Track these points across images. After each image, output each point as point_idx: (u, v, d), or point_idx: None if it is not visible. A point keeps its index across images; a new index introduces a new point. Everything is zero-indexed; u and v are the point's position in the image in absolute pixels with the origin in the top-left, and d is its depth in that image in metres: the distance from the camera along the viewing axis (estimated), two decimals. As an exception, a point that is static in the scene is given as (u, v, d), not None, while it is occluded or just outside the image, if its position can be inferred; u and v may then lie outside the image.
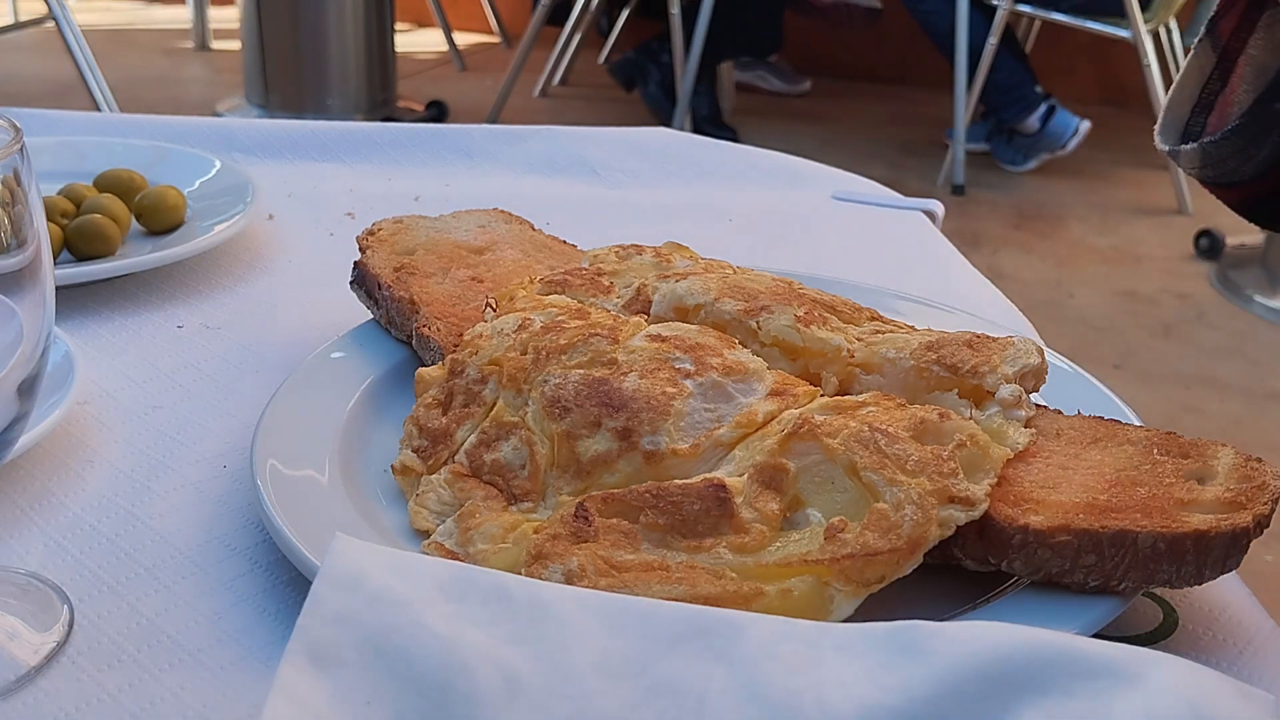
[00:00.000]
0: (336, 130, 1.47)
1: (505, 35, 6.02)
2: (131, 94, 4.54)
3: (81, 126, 1.45)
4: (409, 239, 1.00)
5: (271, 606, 0.69)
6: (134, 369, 0.94)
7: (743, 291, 0.82)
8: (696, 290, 0.83)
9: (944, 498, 0.65)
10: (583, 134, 1.51)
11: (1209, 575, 0.64)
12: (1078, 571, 0.64)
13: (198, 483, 0.80)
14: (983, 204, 4.29)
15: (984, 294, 1.15)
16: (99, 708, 0.61)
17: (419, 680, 0.52)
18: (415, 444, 0.78)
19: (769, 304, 0.81)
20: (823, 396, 0.75)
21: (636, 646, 0.54)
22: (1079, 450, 0.72)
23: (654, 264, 0.90)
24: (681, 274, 0.87)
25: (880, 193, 1.41)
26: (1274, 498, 0.65)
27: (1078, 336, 3.34)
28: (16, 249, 0.58)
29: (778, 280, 0.86)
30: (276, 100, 4.48)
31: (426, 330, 0.87)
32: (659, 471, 0.70)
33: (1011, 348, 0.78)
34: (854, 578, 0.63)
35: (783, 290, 0.83)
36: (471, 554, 0.68)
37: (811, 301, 0.83)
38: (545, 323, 0.81)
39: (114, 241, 1.10)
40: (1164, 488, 0.67)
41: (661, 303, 0.84)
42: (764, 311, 0.80)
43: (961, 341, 0.77)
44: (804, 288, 0.86)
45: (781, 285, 0.84)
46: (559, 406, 0.73)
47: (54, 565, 0.71)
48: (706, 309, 0.81)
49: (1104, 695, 0.52)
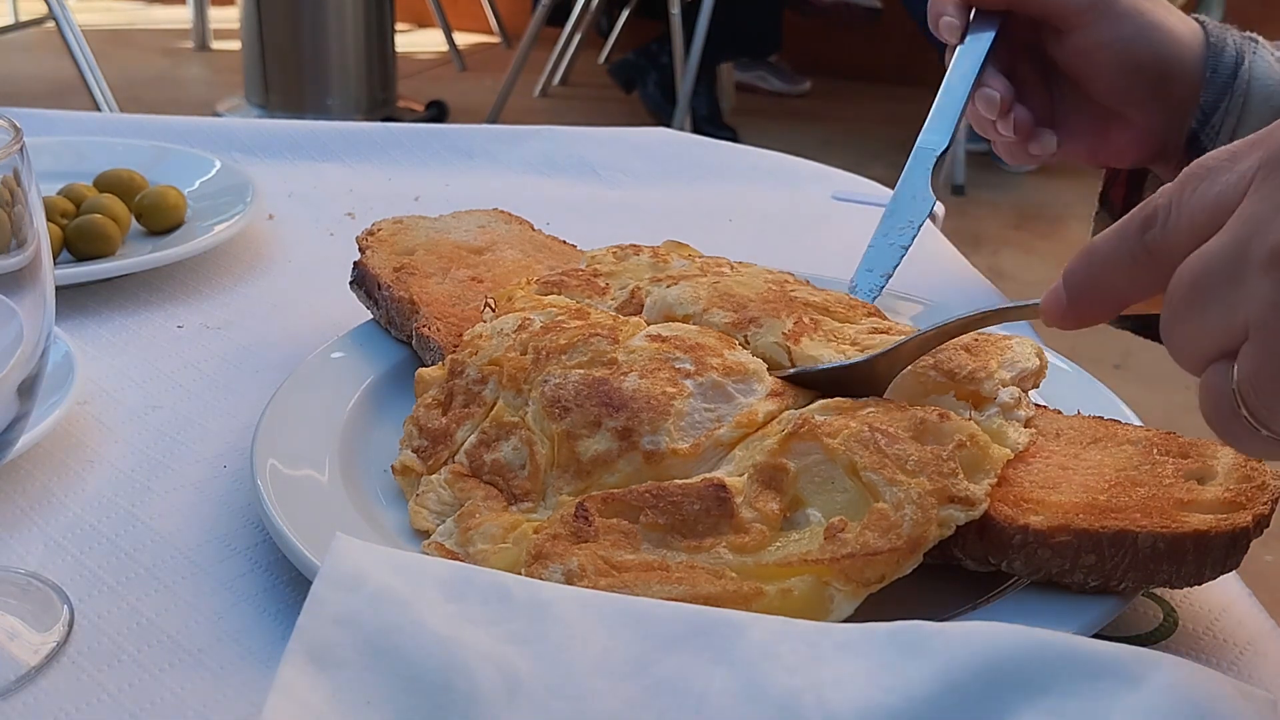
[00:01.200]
0: (336, 130, 1.47)
1: (505, 35, 6.02)
2: (131, 94, 4.54)
3: (81, 126, 1.45)
4: (409, 239, 1.00)
5: (271, 606, 0.69)
6: (134, 369, 0.94)
7: (732, 300, 0.82)
8: (686, 300, 0.83)
9: (944, 498, 0.65)
10: (583, 134, 1.51)
11: (1209, 575, 0.64)
12: (1078, 571, 0.64)
13: (198, 483, 0.80)
14: (983, 204, 4.29)
15: (984, 294, 1.15)
16: (99, 708, 0.61)
17: (419, 680, 0.52)
18: (415, 444, 0.78)
19: (758, 315, 0.80)
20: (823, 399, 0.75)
21: (636, 646, 0.54)
22: (1079, 450, 0.72)
23: (650, 265, 0.90)
24: (675, 276, 0.87)
25: (880, 193, 1.41)
26: (1274, 498, 0.65)
27: (1078, 336, 3.31)
28: (16, 249, 0.58)
29: (770, 282, 0.85)
30: (276, 100, 4.48)
31: (426, 330, 0.87)
32: (659, 471, 0.70)
33: (1009, 351, 0.78)
34: (854, 577, 0.63)
35: (774, 296, 0.83)
36: (471, 554, 0.68)
37: (803, 306, 0.82)
38: (545, 323, 0.81)
39: (114, 241, 1.10)
40: (1164, 488, 0.67)
41: (652, 309, 0.84)
42: (752, 325, 0.80)
43: (959, 345, 0.77)
44: (797, 286, 0.86)
45: (774, 290, 0.84)
46: (559, 406, 0.73)
47: (54, 565, 0.71)
48: (695, 319, 0.82)
49: (1104, 695, 0.52)
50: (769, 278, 0.87)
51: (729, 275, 0.87)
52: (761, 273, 0.88)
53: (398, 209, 1.11)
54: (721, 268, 0.89)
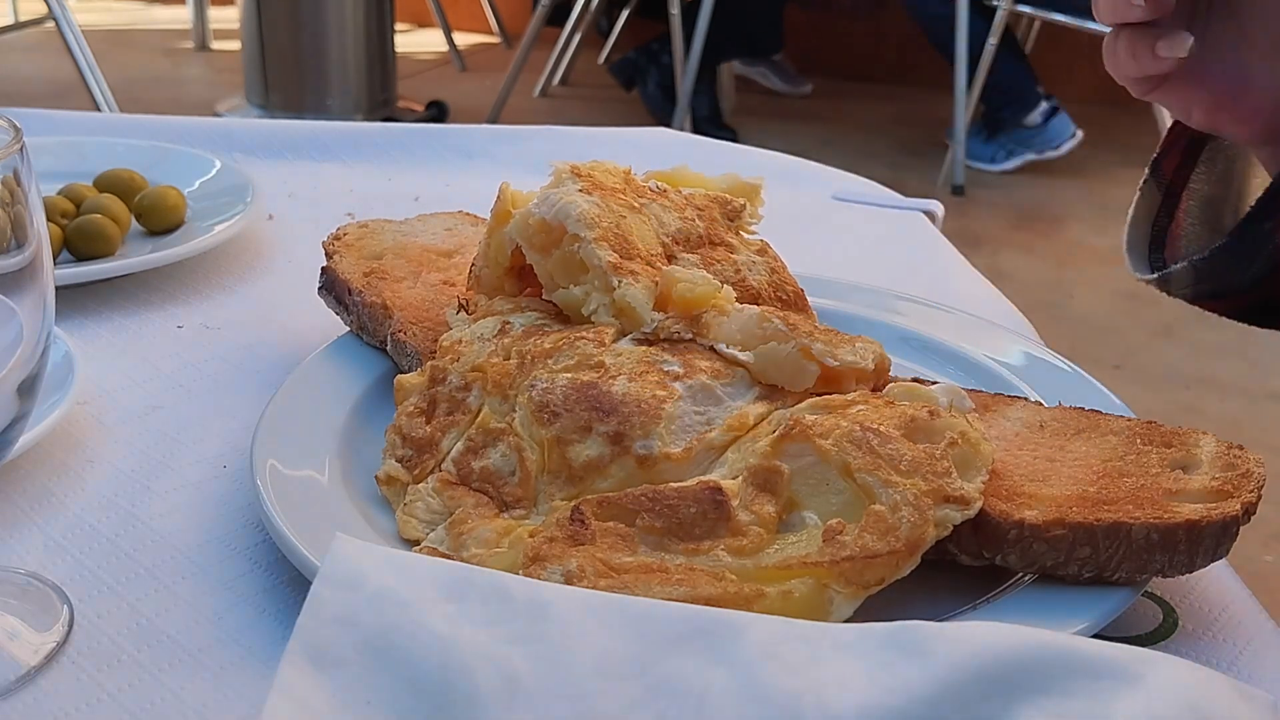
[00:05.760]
0: (336, 130, 1.47)
1: (505, 35, 6.02)
2: (131, 94, 4.54)
3: (81, 126, 1.45)
4: (375, 243, 0.98)
5: (271, 606, 0.69)
6: (134, 369, 0.94)
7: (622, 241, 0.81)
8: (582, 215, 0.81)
9: (939, 497, 0.65)
10: (583, 134, 1.52)
11: (1200, 563, 0.65)
12: (1072, 564, 0.65)
13: (198, 483, 0.80)
14: (983, 204, 4.29)
15: (984, 294, 1.15)
16: (99, 708, 0.61)
17: (419, 680, 0.52)
18: (399, 453, 0.77)
19: (636, 268, 0.79)
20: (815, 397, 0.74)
21: (636, 647, 0.54)
22: (1064, 442, 0.73)
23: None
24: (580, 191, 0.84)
25: (880, 193, 1.41)
26: (1259, 485, 0.67)
27: (1078, 336, 3.34)
28: (16, 249, 0.58)
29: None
30: (276, 100, 4.48)
31: (403, 336, 0.86)
32: (652, 476, 0.69)
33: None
34: (853, 580, 0.63)
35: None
36: (465, 559, 0.68)
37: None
38: (526, 326, 0.80)
39: (114, 241, 1.10)
40: (1151, 478, 0.68)
41: (545, 207, 0.81)
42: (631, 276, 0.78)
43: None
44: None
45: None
46: (548, 411, 0.72)
47: (54, 565, 0.71)
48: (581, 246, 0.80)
49: (1104, 695, 0.52)
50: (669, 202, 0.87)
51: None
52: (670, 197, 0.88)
53: (398, 209, 1.11)
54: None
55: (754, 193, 0.93)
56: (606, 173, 0.86)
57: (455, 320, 0.86)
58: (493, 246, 0.85)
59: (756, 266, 0.86)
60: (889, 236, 1.30)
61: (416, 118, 4.66)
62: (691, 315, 0.77)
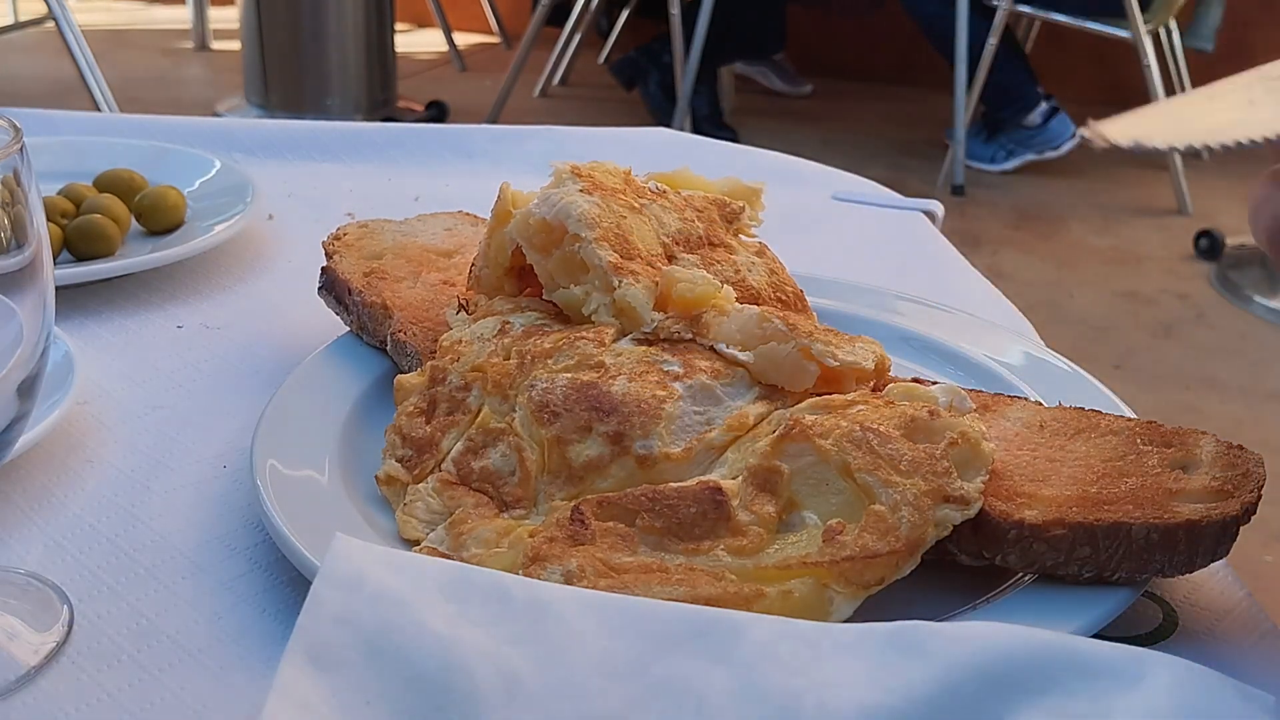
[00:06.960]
0: (336, 130, 1.47)
1: (505, 35, 6.02)
2: (131, 94, 4.54)
3: (81, 126, 1.45)
4: (375, 243, 0.98)
5: (271, 606, 0.69)
6: (134, 369, 0.94)
7: (623, 242, 0.81)
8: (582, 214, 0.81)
9: (939, 497, 0.65)
10: (583, 134, 1.51)
11: (1200, 563, 0.65)
12: (1072, 564, 0.65)
13: (198, 483, 0.80)
14: (983, 204, 4.29)
15: (984, 294, 1.15)
16: (99, 708, 0.61)
17: (419, 680, 0.52)
18: (399, 453, 0.77)
19: (636, 268, 0.79)
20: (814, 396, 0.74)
21: (636, 646, 0.54)
22: (1064, 442, 0.73)
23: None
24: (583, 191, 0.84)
25: (880, 193, 1.41)
26: (1259, 485, 0.67)
27: (1078, 336, 3.34)
28: (16, 249, 0.58)
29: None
30: (276, 100, 4.48)
31: (403, 336, 0.86)
32: (652, 476, 0.69)
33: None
34: (853, 580, 0.63)
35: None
36: (465, 559, 0.68)
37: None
38: (526, 326, 0.80)
39: (114, 241, 1.10)
40: (1151, 477, 0.68)
41: (546, 207, 0.81)
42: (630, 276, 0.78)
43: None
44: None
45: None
46: (548, 411, 0.72)
47: (54, 565, 0.71)
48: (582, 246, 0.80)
49: (1104, 695, 0.52)
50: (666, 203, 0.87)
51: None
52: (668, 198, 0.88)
53: (398, 209, 1.11)
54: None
55: (754, 196, 0.93)
56: (607, 173, 0.86)
57: (455, 320, 0.86)
58: (493, 246, 0.85)
59: (756, 267, 0.86)
60: (889, 236, 1.30)
61: (416, 118, 4.66)
62: (691, 315, 0.77)
